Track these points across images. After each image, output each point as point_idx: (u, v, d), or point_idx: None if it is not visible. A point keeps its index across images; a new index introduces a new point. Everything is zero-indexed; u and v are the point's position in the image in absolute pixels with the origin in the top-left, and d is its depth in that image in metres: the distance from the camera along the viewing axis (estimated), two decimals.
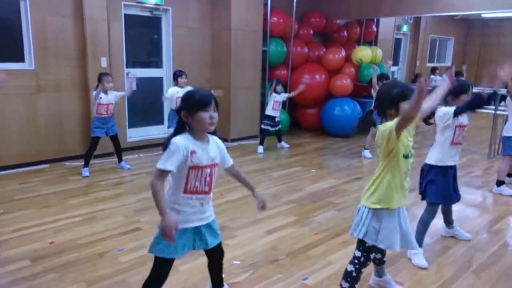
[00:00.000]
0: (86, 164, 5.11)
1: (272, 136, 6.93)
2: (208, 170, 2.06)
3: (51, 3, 5.28)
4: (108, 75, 5.04)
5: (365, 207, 2.32)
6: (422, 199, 3.24)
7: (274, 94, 6.54)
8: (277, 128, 6.69)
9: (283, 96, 6.70)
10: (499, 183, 4.78)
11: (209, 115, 2.00)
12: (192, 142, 2.01)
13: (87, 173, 5.05)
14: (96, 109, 5.05)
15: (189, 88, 5.50)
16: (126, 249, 3.21)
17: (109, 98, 5.08)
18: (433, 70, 10.88)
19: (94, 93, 5.01)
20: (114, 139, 5.31)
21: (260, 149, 6.54)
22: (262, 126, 6.62)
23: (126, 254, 3.13)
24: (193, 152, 1.99)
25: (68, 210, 3.99)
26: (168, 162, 1.93)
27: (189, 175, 2.01)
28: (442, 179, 3.14)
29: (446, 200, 3.23)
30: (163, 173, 1.93)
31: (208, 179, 2.07)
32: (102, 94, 5.00)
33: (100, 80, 5.00)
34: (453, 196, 3.25)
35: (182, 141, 1.98)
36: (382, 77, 6.33)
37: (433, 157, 3.22)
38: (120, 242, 3.34)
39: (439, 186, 3.13)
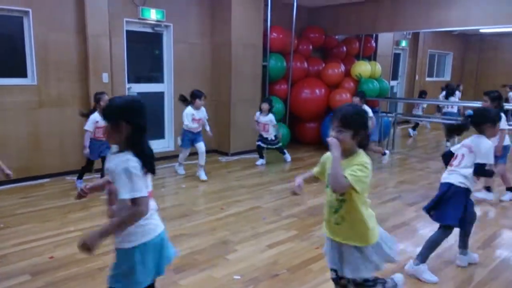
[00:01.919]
0: (80, 177, 5.10)
1: (274, 151, 6.92)
2: None
3: (54, 19, 5.36)
4: (104, 94, 4.89)
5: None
6: (438, 220, 3.12)
7: (257, 114, 6.51)
8: (275, 147, 6.69)
9: (270, 120, 6.45)
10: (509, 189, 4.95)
11: None
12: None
13: (81, 185, 5.01)
14: (94, 132, 4.86)
15: (203, 110, 5.60)
16: None
17: None
18: (421, 94, 10.65)
19: (92, 118, 4.81)
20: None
21: (260, 161, 6.61)
22: (256, 142, 6.66)
23: None
24: None
25: (69, 224, 3.99)
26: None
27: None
28: (466, 200, 3.07)
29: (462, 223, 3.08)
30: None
31: None
32: (98, 117, 4.79)
33: (96, 100, 4.85)
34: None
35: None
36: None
37: (459, 179, 3.07)
38: None
39: (461, 209, 3.03)
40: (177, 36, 6.64)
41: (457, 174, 3.08)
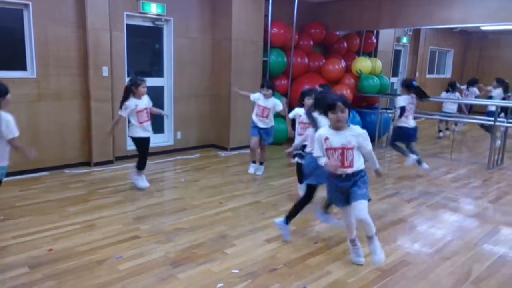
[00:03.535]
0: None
1: (273, 145, 6.85)
2: None
3: (54, 12, 5.34)
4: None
5: None
6: None
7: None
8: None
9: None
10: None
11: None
12: None
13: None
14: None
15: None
16: (124, 257, 3.21)
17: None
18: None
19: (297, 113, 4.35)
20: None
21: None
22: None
23: (124, 262, 3.13)
24: None
25: (68, 217, 4.00)
26: None
27: None
28: None
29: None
30: None
31: None
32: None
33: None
34: None
35: None
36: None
37: None
38: (118, 250, 3.34)
39: None
40: (178, 30, 6.62)
41: None
